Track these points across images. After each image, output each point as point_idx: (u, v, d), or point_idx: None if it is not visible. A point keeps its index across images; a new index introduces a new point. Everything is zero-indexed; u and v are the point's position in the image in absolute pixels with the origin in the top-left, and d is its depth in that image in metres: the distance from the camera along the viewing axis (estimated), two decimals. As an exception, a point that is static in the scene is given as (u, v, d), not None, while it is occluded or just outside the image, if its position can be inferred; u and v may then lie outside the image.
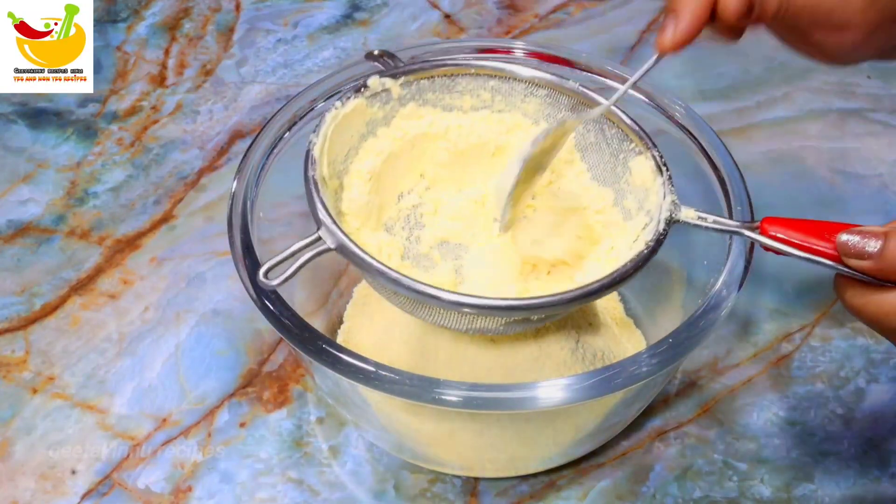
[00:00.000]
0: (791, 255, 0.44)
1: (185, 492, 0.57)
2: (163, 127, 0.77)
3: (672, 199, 0.48)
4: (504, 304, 0.45)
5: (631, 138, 0.51)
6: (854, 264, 0.42)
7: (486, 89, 0.53)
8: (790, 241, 0.44)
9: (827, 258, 0.43)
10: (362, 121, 0.52)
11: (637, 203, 0.51)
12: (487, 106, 0.54)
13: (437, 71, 0.53)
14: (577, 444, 0.56)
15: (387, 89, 0.52)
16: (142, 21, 0.85)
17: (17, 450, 0.59)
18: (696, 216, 0.48)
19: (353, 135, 0.51)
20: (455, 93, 0.53)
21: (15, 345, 0.64)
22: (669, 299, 0.58)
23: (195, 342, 0.64)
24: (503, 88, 0.53)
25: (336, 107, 0.50)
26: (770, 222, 0.45)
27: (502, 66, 0.53)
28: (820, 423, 0.60)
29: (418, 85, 0.53)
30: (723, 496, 0.57)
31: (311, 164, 0.48)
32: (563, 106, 0.53)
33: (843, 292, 0.43)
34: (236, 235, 0.52)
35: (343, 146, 0.51)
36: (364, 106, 0.51)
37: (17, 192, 0.72)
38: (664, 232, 0.48)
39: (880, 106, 0.79)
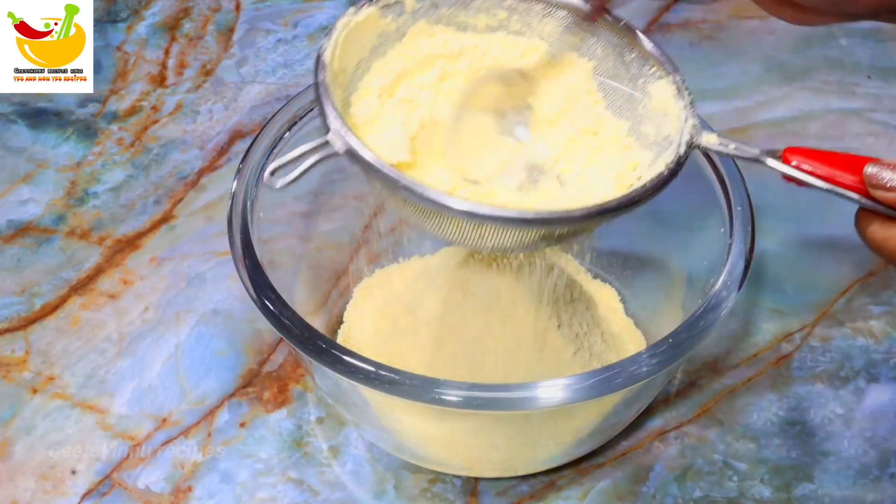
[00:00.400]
0: (813, 186, 0.43)
1: (185, 492, 0.57)
2: (163, 127, 0.77)
3: (693, 122, 0.47)
4: (519, 215, 0.44)
5: (651, 63, 0.49)
6: (880, 196, 0.42)
7: (502, 7, 0.51)
8: (813, 171, 0.43)
9: (851, 190, 0.43)
10: (374, 32, 0.50)
11: (656, 129, 0.49)
12: (504, 26, 0.52)
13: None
14: (577, 444, 0.56)
15: (400, 1, 0.50)
16: (142, 21, 0.85)
17: (17, 450, 0.59)
18: (718, 141, 0.47)
19: (365, 46, 0.50)
20: (470, 10, 0.51)
21: (15, 345, 0.63)
22: (669, 299, 0.58)
23: (195, 342, 0.64)
24: (520, 7, 0.51)
25: (348, 14, 0.48)
26: (793, 152, 0.44)
27: None
28: (820, 423, 0.60)
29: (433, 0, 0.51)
30: (723, 496, 0.57)
31: (321, 68, 0.46)
32: (582, 28, 0.51)
33: (864, 227, 0.43)
34: (236, 235, 0.52)
35: (353, 56, 0.49)
36: (377, 16, 0.49)
37: (17, 192, 0.72)
38: (685, 154, 0.46)
39: (880, 106, 0.79)
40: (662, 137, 0.49)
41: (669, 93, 0.49)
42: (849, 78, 0.80)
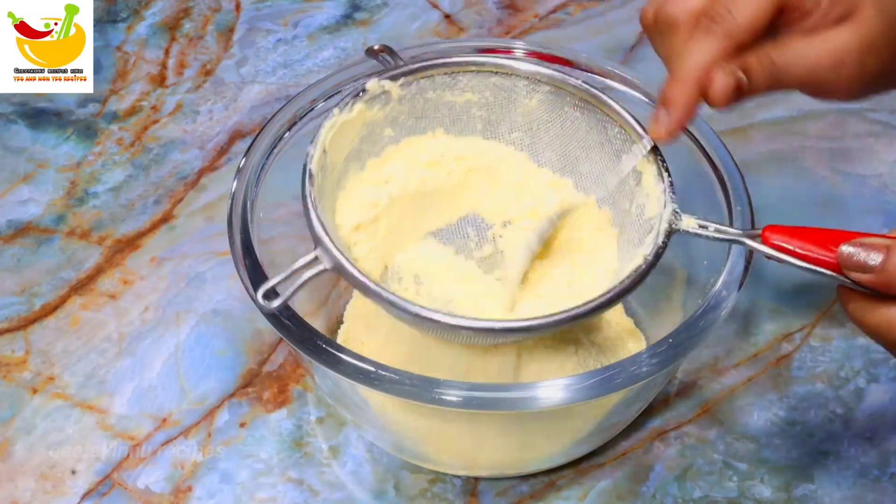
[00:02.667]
0: (793, 266, 0.44)
1: (185, 492, 0.57)
2: (163, 127, 0.77)
3: (673, 208, 0.48)
4: (501, 326, 0.45)
5: (633, 140, 0.50)
6: (856, 277, 0.42)
7: (487, 87, 0.53)
8: (792, 251, 0.44)
9: (829, 268, 0.43)
10: (362, 124, 0.51)
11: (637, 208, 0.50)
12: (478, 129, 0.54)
13: (436, 70, 0.52)
14: (577, 444, 0.56)
15: (386, 91, 0.51)
16: (142, 21, 0.85)
17: (17, 450, 0.59)
18: (697, 225, 0.48)
19: (353, 138, 0.51)
20: (456, 90, 0.53)
21: (15, 345, 0.64)
22: (669, 299, 0.58)
23: (195, 342, 0.64)
24: (505, 85, 0.53)
25: (334, 114, 0.49)
26: (772, 231, 0.45)
27: (504, 62, 0.52)
28: (820, 423, 0.60)
29: (418, 84, 0.52)
30: (723, 496, 0.57)
31: (308, 180, 0.47)
32: (566, 103, 0.52)
33: (846, 302, 0.43)
34: (236, 235, 0.52)
35: (342, 151, 0.51)
36: (363, 110, 0.51)
37: (17, 192, 0.72)
38: (664, 244, 0.47)
39: (880, 106, 0.79)
40: (644, 220, 0.50)
41: (651, 174, 0.49)
42: (849, 78, 0.80)
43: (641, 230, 0.50)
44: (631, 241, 0.50)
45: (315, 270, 0.45)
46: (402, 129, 0.53)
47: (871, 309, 0.42)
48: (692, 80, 0.46)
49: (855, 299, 0.43)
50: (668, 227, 0.47)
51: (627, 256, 0.50)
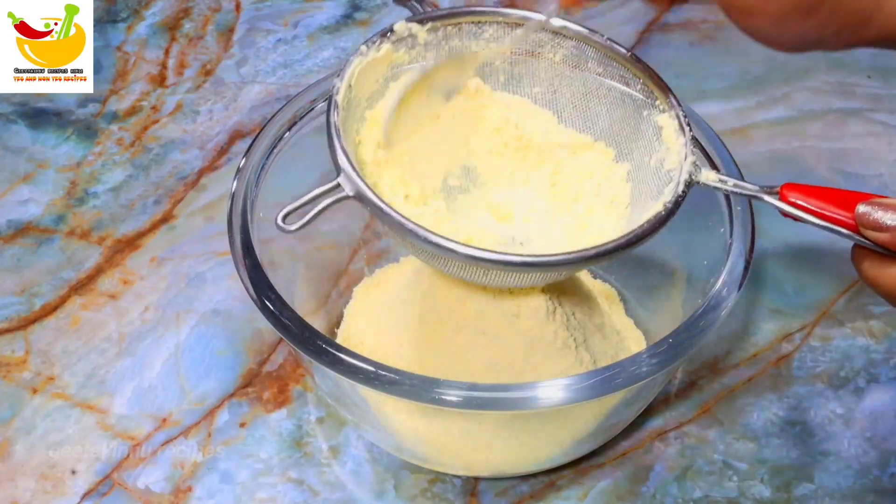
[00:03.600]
0: (809, 223, 0.44)
1: (185, 492, 0.57)
2: (163, 127, 0.77)
3: (693, 160, 0.48)
4: (520, 259, 0.45)
5: (656, 95, 0.50)
6: (871, 236, 0.42)
7: (512, 38, 0.53)
8: (809, 208, 0.44)
9: (845, 227, 0.43)
10: (386, 65, 0.51)
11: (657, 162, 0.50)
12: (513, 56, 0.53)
13: (464, 18, 0.52)
14: (577, 444, 0.56)
15: (413, 34, 0.51)
16: (142, 21, 0.85)
17: (17, 450, 0.59)
18: (717, 178, 0.48)
19: (378, 79, 0.51)
20: (481, 40, 0.52)
21: (15, 345, 0.64)
22: (669, 299, 0.58)
23: (195, 342, 0.64)
24: (529, 38, 0.53)
25: (361, 52, 0.49)
26: (790, 188, 0.45)
27: (530, 15, 0.52)
28: (820, 423, 0.60)
29: (445, 31, 0.52)
30: (723, 496, 0.57)
31: (333, 109, 0.47)
32: (589, 58, 0.52)
33: (860, 263, 0.44)
34: (236, 235, 0.52)
35: (366, 89, 0.50)
36: (390, 51, 0.51)
37: (17, 192, 0.72)
38: (683, 194, 0.47)
39: (880, 106, 0.79)
40: (664, 172, 0.49)
41: (672, 127, 0.49)
42: (849, 78, 0.80)
43: (660, 182, 0.49)
44: (649, 193, 0.50)
45: (336, 197, 0.45)
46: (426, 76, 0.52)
47: (885, 268, 0.42)
48: None
49: (869, 259, 0.43)
50: (688, 177, 0.47)
51: (644, 208, 0.49)
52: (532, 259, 0.45)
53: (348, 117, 0.49)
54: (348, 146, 0.47)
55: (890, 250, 0.42)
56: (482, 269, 0.47)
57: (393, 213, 0.45)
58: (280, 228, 0.45)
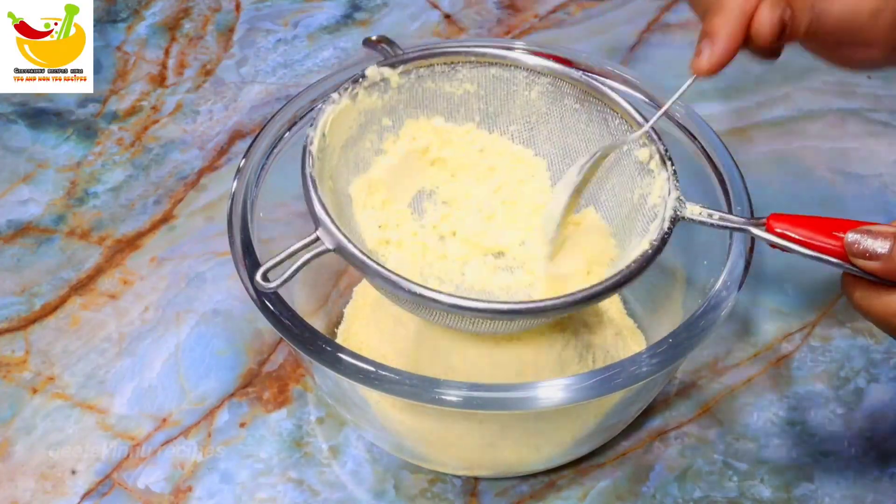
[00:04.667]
0: (797, 253, 0.44)
1: (185, 492, 0.57)
2: (163, 127, 0.77)
3: (677, 195, 0.48)
4: (505, 307, 0.45)
5: (635, 130, 0.50)
6: (862, 265, 0.42)
7: (486, 78, 0.52)
8: (797, 238, 0.44)
9: (834, 256, 0.43)
10: (360, 110, 0.51)
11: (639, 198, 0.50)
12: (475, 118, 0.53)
13: (436, 59, 0.52)
14: (577, 444, 0.56)
15: (385, 78, 0.51)
16: (142, 21, 0.85)
17: (17, 450, 0.59)
18: (702, 213, 0.47)
19: (352, 125, 0.51)
20: (455, 80, 0.52)
21: (15, 345, 0.64)
22: (669, 299, 0.58)
23: (195, 342, 0.64)
24: (505, 77, 0.52)
25: (334, 100, 0.49)
26: (777, 219, 0.44)
27: (504, 54, 0.52)
28: (820, 423, 0.60)
29: (417, 73, 0.52)
30: (723, 496, 0.57)
31: (308, 161, 0.47)
32: (566, 95, 0.52)
33: (850, 291, 0.43)
34: (236, 235, 0.52)
35: (341, 137, 0.50)
36: (363, 96, 0.51)
37: (17, 192, 0.72)
38: (669, 231, 0.47)
39: (880, 106, 0.79)
40: (647, 208, 0.49)
41: (654, 162, 0.49)
42: (849, 78, 0.80)
43: (645, 219, 0.49)
44: (634, 231, 0.50)
45: (316, 251, 0.45)
46: (400, 120, 0.53)
47: (877, 297, 0.42)
48: (738, 10, 0.44)
49: (860, 287, 0.43)
50: (672, 213, 0.47)
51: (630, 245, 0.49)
52: (519, 307, 0.45)
53: (323, 166, 0.48)
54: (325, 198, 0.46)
55: (881, 278, 0.41)
56: (468, 319, 0.46)
57: (374, 265, 0.45)
58: (259, 287, 0.44)
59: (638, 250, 0.47)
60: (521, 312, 0.45)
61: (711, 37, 0.45)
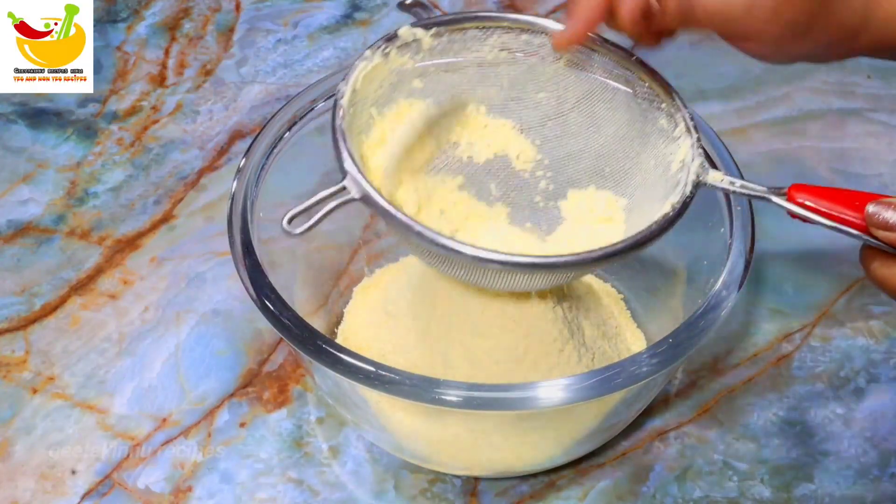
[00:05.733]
0: (818, 224, 0.44)
1: (185, 492, 0.57)
2: (163, 127, 0.77)
3: (700, 161, 0.48)
4: (528, 261, 0.45)
5: (662, 98, 0.50)
6: (881, 235, 0.42)
7: (517, 44, 0.52)
8: (818, 209, 0.44)
9: (854, 228, 0.43)
10: (391, 70, 0.51)
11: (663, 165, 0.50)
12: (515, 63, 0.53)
13: (469, 24, 0.51)
14: (577, 444, 0.56)
15: (417, 39, 0.51)
16: (142, 21, 0.85)
17: (17, 450, 0.59)
18: (724, 179, 0.48)
19: (383, 84, 0.51)
20: (486, 45, 0.52)
21: (15, 345, 0.63)
22: (669, 299, 0.58)
23: (195, 342, 0.64)
24: (535, 43, 0.52)
25: (366, 56, 0.49)
26: (798, 189, 0.45)
27: (536, 21, 0.52)
28: (820, 423, 0.60)
29: (450, 37, 0.51)
30: (723, 496, 0.57)
31: (338, 113, 0.47)
32: (594, 62, 0.52)
33: (868, 263, 0.44)
34: (236, 235, 0.52)
35: (371, 95, 0.50)
36: (395, 55, 0.50)
37: (17, 192, 0.72)
38: (691, 195, 0.47)
39: (880, 106, 0.79)
40: (670, 175, 0.49)
41: (679, 129, 0.49)
42: (849, 78, 0.80)
43: (667, 186, 0.49)
44: (655, 197, 0.50)
45: (342, 199, 0.45)
46: (431, 81, 0.52)
47: (894, 268, 0.42)
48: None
49: (879, 258, 0.43)
50: (695, 178, 0.47)
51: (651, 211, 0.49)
52: (538, 260, 0.45)
53: (353, 122, 0.48)
54: (353, 150, 0.47)
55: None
56: (488, 272, 0.46)
57: (399, 215, 0.45)
58: (286, 232, 0.44)
59: (660, 213, 0.47)
60: (542, 266, 0.45)
61: (572, 17, 0.48)
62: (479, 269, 0.46)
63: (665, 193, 0.49)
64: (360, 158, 0.47)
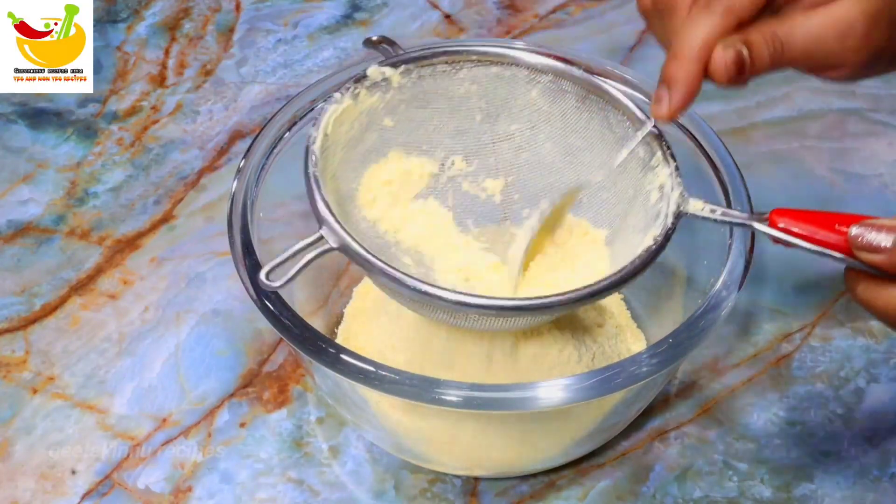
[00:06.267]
0: (800, 248, 0.44)
1: (185, 492, 0.57)
2: (163, 127, 0.77)
3: (680, 191, 0.47)
4: (508, 304, 0.45)
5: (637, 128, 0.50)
6: (865, 258, 0.42)
7: (487, 77, 0.52)
8: (800, 233, 0.44)
9: (837, 251, 0.43)
10: (361, 110, 0.51)
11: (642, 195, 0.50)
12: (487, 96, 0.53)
13: (437, 59, 0.51)
14: (577, 444, 0.56)
15: (387, 78, 0.51)
16: (142, 21, 0.85)
17: (17, 450, 0.59)
18: (704, 208, 0.47)
19: (354, 125, 0.51)
20: (456, 80, 0.52)
21: (15, 345, 0.64)
22: (670, 299, 0.58)
23: (195, 342, 0.64)
24: (506, 76, 0.52)
25: (336, 99, 0.49)
26: (779, 214, 0.44)
27: (505, 52, 0.52)
28: (820, 423, 0.60)
29: (419, 73, 0.51)
30: (723, 496, 0.57)
31: (310, 160, 0.47)
32: (567, 93, 0.52)
33: (853, 286, 0.43)
34: (236, 235, 0.52)
35: (343, 137, 0.50)
36: (364, 96, 0.50)
37: (17, 192, 0.72)
38: (672, 226, 0.47)
39: (880, 106, 0.79)
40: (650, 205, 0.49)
41: (656, 158, 0.49)
42: (849, 78, 0.80)
43: (648, 216, 0.49)
44: (636, 227, 0.50)
45: (320, 249, 0.44)
46: (401, 119, 0.52)
47: (880, 291, 0.42)
48: (693, 56, 0.45)
49: (863, 281, 0.42)
50: (676, 209, 0.47)
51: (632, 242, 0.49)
52: (523, 303, 0.45)
53: (326, 166, 0.48)
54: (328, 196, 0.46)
55: (884, 271, 0.41)
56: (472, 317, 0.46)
57: (378, 263, 0.44)
58: (264, 286, 0.44)
59: (641, 246, 0.47)
60: (526, 309, 0.45)
61: (669, 84, 0.46)
62: (460, 314, 0.46)
63: (646, 224, 0.49)
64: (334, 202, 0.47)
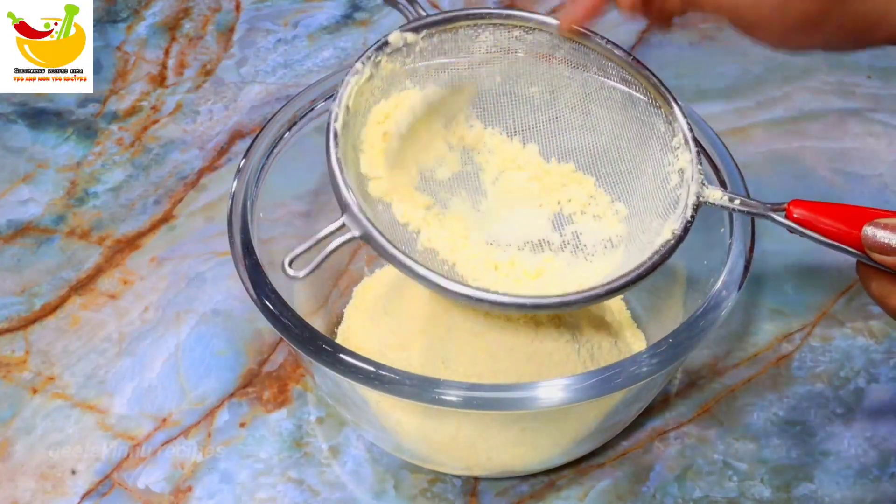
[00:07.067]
0: (815, 241, 0.44)
1: (185, 492, 0.57)
2: (163, 127, 0.77)
3: (700, 179, 0.47)
4: (530, 302, 0.45)
5: (659, 102, 0.50)
6: (878, 258, 0.42)
7: (510, 40, 0.51)
8: (817, 226, 0.44)
9: (852, 246, 0.43)
10: (383, 76, 0.50)
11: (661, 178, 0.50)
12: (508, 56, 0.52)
13: (460, 22, 0.51)
14: (577, 444, 0.56)
15: (408, 44, 0.50)
16: (142, 21, 0.85)
17: (17, 450, 0.59)
18: (723, 197, 0.47)
19: (374, 92, 0.50)
20: (477, 42, 0.51)
21: (15, 345, 0.64)
22: (670, 299, 0.58)
23: (195, 342, 0.64)
24: (528, 39, 0.52)
25: (357, 70, 0.48)
26: (797, 205, 0.45)
27: (529, 16, 0.51)
28: (820, 423, 0.60)
29: (441, 37, 0.50)
30: (723, 496, 0.57)
31: (333, 141, 0.46)
32: (589, 61, 0.51)
33: (866, 280, 0.43)
34: (236, 235, 0.52)
35: (363, 107, 0.49)
36: (385, 63, 0.49)
37: (17, 192, 0.72)
38: (692, 218, 0.47)
39: (880, 106, 0.79)
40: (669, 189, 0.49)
41: (677, 141, 0.49)
42: (849, 78, 0.80)
43: (667, 201, 0.49)
44: (656, 211, 0.49)
45: (343, 238, 0.44)
46: (422, 81, 0.51)
47: (893, 289, 0.42)
48: None
49: (877, 278, 0.43)
50: (696, 199, 0.47)
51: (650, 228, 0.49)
52: (543, 301, 0.45)
53: (347, 141, 0.48)
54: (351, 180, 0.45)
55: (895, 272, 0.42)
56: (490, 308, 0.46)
57: (400, 256, 0.44)
58: (288, 275, 0.44)
59: (659, 239, 0.47)
60: (546, 307, 0.45)
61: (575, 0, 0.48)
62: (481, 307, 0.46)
63: (665, 208, 0.49)
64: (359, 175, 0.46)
